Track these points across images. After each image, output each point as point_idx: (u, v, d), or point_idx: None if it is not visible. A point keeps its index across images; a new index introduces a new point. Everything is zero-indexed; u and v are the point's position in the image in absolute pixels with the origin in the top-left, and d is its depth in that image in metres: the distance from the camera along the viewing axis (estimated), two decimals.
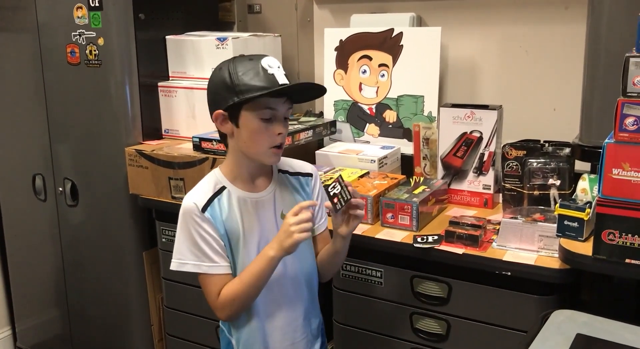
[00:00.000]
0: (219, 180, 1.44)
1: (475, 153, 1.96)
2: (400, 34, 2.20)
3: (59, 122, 2.40)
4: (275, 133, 1.37)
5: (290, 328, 1.50)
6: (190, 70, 2.31)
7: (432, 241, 1.67)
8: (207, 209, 1.39)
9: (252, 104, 1.34)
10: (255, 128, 1.36)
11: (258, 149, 1.38)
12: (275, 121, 1.37)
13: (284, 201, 1.48)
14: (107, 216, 2.37)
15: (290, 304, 1.49)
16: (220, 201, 1.41)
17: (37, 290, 2.71)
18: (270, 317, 1.48)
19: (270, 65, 1.35)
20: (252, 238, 1.43)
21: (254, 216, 1.43)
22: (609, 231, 1.37)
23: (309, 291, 1.53)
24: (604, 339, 1.23)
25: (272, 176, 1.49)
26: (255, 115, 1.35)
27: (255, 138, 1.37)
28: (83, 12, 2.20)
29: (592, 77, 1.66)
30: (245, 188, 1.44)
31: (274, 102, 1.35)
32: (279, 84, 1.33)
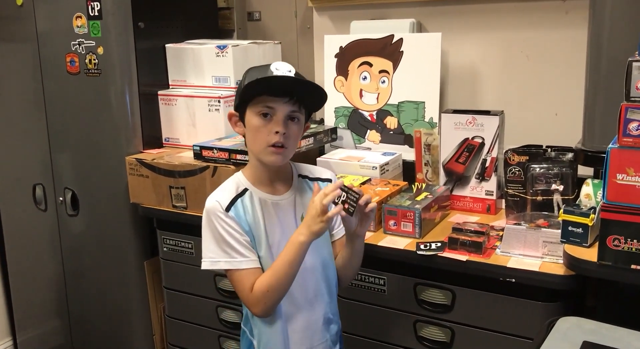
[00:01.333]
0: (241, 182, 1.47)
1: (478, 159, 1.95)
2: (401, 40, 2.20)
3: (59, 132, 2.39)
4: (272, 131, 1.37)
5: (310, 331, 1.50)
6: (191, 78, 2.31)
7: (435, 248, 1.66)
8: (230, 208, 1.42)
9: (253, 102, 1.38)
10: (255, 125, 1.39)
11: (258, 147, 1.40)
12: (274, 118, 1.38)
13: (303, 205, 1.48)
14: (107, 225, 2.36)
15: (310, 307, 1.49)
16: (243, 202, 1.43)
17: (38, 300, 2.70)
18: (291, 319, 1.48)
19: (278, 68, 1.37)
20: (274, 238, 1.44)
21: (275, 217, 1.45)
22: (614, 237, 1.36)
23: (329, 295, 1.53)
24: (611, 346, 1.22)
25: (292, 180, 1.51)
26: (255, 113, 1.38)
27: (255, 135, 1.39)
28: (82, 22, 2.20)
29: (594, 81, 1.65)
30: (267, 191, 1.46)
31: (272, 100, 1.36)
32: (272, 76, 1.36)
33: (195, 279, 2.18)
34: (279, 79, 1.37)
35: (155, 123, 2.32)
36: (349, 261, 1.53)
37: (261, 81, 1.35)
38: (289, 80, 1.37)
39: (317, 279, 1.50)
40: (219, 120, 2.21)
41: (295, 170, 1.53)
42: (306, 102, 1.43)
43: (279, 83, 1.37)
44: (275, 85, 1.37)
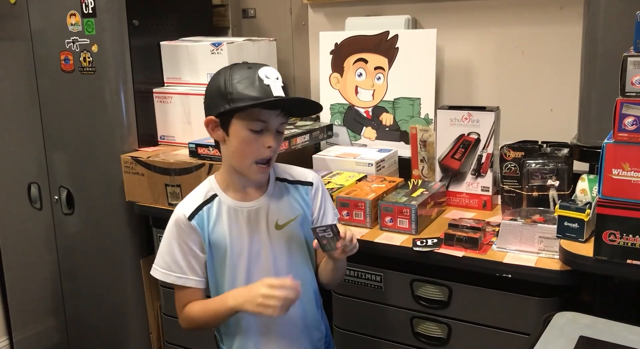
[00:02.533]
0: (211, 188, 1.43)
1: (473, 155, 1.95)
2: (396, 37, 2.19)
3: (54, 130, 2.38)
4: (264, 146, 1.33)
5: (286, 340, 1.45)
6: (185, 75, 2.30)
7: (431, 244, 1.66)
8: (194, 217, 1.38)
9: (243, 114, 1.31)
10: (244, 139, 1.32)
11: (244, 161, 1.35)
12: (265, 133, 1.33)
13: (279, 211, 1.43)
14: (103, 224, 2.36)
15: (286, 319, 1.40)
16: (209, 210, 1.39)
17: (34, 299, 2.69)
18: (264, 331, 1.44)
19: (268, 75, 1.31)
20: (240, 250, 1.40)
21: (245, 227, 1.40)
22: (609, 231, 1.37)
23: (307, 302, 1.48)
24: (608, 341, 1.22)
25: (267, 185, 1.44)
26: (246, 125, 1.31)
27: (243, 149, 1.33)
28: (76, 19, 2.19)
29: (589, 76, 1.66)
30: (237, 197, 1.41)
31: (266, 114, 1.31)
32: (273, 96, 1.29)
33: None
34: (283, 100, 1.32)
35: (150, 121, 2.32)
36: (331, 273, 1.47)
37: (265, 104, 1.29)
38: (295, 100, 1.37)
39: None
40: None
41: (273, 173, 1.46)
42: (293, 113, 1.42)
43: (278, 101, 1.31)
44: (275, 102, 1.31)
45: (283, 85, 1.33)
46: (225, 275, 1.41)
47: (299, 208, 1.45)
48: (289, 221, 1.43)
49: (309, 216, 1.47)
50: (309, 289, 1.49)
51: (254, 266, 1.41)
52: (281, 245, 1.43)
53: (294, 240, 1.44)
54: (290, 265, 1.44)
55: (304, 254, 1.47)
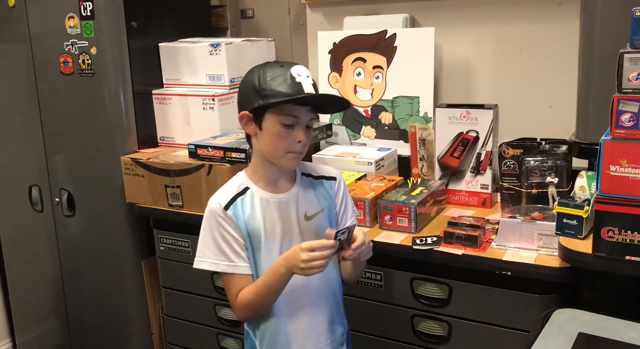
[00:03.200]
0: (243, 181, 1.48)
1: (472, 153, 1.95)
2: (394, 36, 2.20)
3: (54, 132, 2.39)
4: (295, 140, 1.39)
5: (314, 331, 1.50)
6: (185, 77, 2.31)
7: (431, 242, 1.66)
8: (229, 207, 1.43)
9: (276, 109, 1.37)
10: (277, 133, 1.39)
11: (276, 153, 1.41)
12: (296, 128, 1.39)
13: (307, 203, 1.49)
14: (104, 225, 2.36)
15: (313, 308, 1.49)
16: (243, 202, 1.45)
17: (36, 301, 2.70)
18: (293, 319, 1.48)
19: (300, 73, 1.38)
20: (274, 238, 1.45)
21: (277, 216, 1.46)
22: (608, 228, 1.37)
23: (333, 297, 1.53)
24: (607, 337, 1.22)
25: (295, 179, 1.51)
26: (278, 120, 1.38)
27: (276, 142, 1.40)
28: (75, 22, 2.19)
29: (587, 73, 1.66)
30: (268, 189, 1.47)
31: (297, 109, 1.38)
32: (304, 93, 1.36)
33: (192, 277, 2.19)
34: (315, 97, 1.39)
35: (149, 123, 2.32)
36: (351, 268, 1.54)
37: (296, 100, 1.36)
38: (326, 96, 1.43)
39: (320, 282, 1.49)
40: (213, 118, 2.21)
41: (299, 169, 1.53)
42: (322, 109, 1.47)
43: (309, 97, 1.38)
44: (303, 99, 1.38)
45: (313, 83, 1.40)
46: (261, 264, 1.45)
47: (324, 201, 1.52)
48: (316, 213, 1.49)
49: (333, 208, 1.53)
50: (335, 283, 1.54)
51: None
52: (311, 235, 1.47)
53: (321, 231, 1.48)
54: None
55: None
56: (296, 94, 1.36)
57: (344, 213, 1.56)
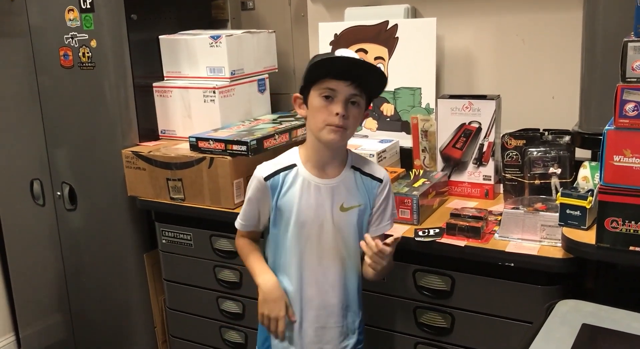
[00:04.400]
0: (293, 158, 1.53)
1: (475, 144, 1.94)
2: (395, 26, 2.18)
3: (55, 126, 2.38)
4: (333, 113, 1.41)
5: (325, 311, 1.55)
6: (185, 69, 2.30)
7: (433, 234, 1.66)
8: (269, 179, 1.51)
9: (316, 84, 1.43)
10: (316, 106, 1.43)
11: (317, 125, 1.44)
12: (335, 101, 1.42)
13: (347, 194, 1.52)
14: (106, 219, 2.36)
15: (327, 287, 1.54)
16: (286, 177, 1.51)
17: (39, 295, 2.70)
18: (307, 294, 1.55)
19: (343, 53, 1.44)
20: (304, 219, 1.50)
21: (313, 200, 1.50)
22: (611, 218, 1.36)
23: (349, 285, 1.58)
24: (610, 328, 1.22)
25: (343, 168, 1.53)
26: (318, 94, 1.43)
27: (315, 115, 1.44)
28: (75, 15, 2.18)
29: (590, 63, 1.65)
30: (315, 173, 1.51)
31: (334, 83, 1.41)
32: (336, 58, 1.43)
33: (195, 270, 2.19)
34: (340, 60, 1.42)
35: (150, 116, 2.31)
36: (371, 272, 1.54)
37: (324, 62, 1.42)
38: (349, 62, 1.41)
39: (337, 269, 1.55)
40: (214, 111, 2.20)
41: (351, 159, 1.55)
42: (368, 87, 1.46)
43: (341, 65, 1.41)
44: (338, 68, 1.41)
45: (364, 61, 1.44)
46: (286, 240, 1.53)
47: (364, 198, 1.54)
48: (352, 207, 1.52)
49: (369, 209, 1.56)
50: (355, 273, 1.59)
51: (313, 239, 1.52)
52: (341, 226, 1.52)
53: (351, 225, 1.53)
54: (345, 246, 1.54)
55: (356, 241, 1.54)
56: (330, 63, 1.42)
57: (380, 217, 1.58)
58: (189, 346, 2.31)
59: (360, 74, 1.43)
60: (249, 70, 2.31)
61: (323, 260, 1.53)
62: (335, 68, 1.41)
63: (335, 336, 1.57)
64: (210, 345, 2.25)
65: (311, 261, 1.53)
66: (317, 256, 1.52)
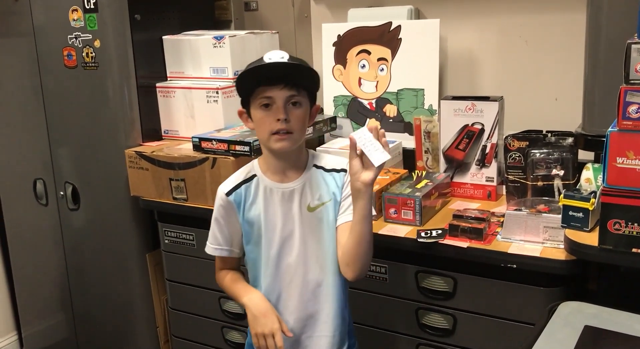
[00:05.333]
0: (252, 169, 1.52)
1: (477, 145, 1.94)
2: (399, 27, 2.18)
3: (58, 126, 2.39)
4: (274, 120, 1.38)
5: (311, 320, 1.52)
6: (188, 70, 2.30)
7: (436, 235, 1.66)
8: (231, 194, 1.49)
9: (253, 96, 1.41)
10: (258, 117, 1.41)
11: (263, 137, 1.42)
12: (274, 107, 1.39)
13: (312, 194, 1.49)
14: (109, 219, 2.36)
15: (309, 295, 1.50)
16: (248, 189, 1.50)
17: (41, 294, 2.71)
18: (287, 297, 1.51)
19: (271, 57, 1.39)
20: (274, 227, 1.48)
21: (278, 206, 1.48)
22: (614, 220, 1.36)
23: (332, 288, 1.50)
24: (613, 330, 1.22)
25: (304, 169, 1.51)
26: (257, 105, 1.41)
27: (259, 126, 1.42)
28: (79, 15, 2.19)
29: (593, 65, 1.64)
30: (276, 179, 1.49)
31: (268, 89, 1.38)
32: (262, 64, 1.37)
33: (197, 270, 2.19)
34: (266, 67, 1.37)
35: (153, 116, 2.32)
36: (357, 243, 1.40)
37: (251, 72, 1.39)
38: (276, 66, 1.37)
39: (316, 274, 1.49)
40: (217, 111, 2.20)
41: (311, 159, 1.53)
42: (304, 84, 1.42)
43: (269, 71, 1.38)
44: (267, 74, 1.38)
45: (287, 61, 1.38)
46: (261, 252, 1.50)
47: (331, 194, 1.50)
48: (320, 205, 1.49)
49: (338, 201, 1.50)
50: (337, 275, 1.51)
51: (286, 245, 1.49)
52: (312, 227, 1.48)
53: (324, 224, 1.49)
54: (318, 248, 1.49)
55: (333, 239, 1.49)
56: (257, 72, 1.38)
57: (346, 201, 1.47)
58: (191, 346, 2.32)
59: (292, 73, 1.39)
60: None
61: (300, 266, 1.48)
62: (264, 76, 1.38)
63: (325, 345, 1.52)
64: (212, 345, 2.25)
65: (289, 270, 1.48)
66: (294, 264, 1.48)
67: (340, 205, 1.50)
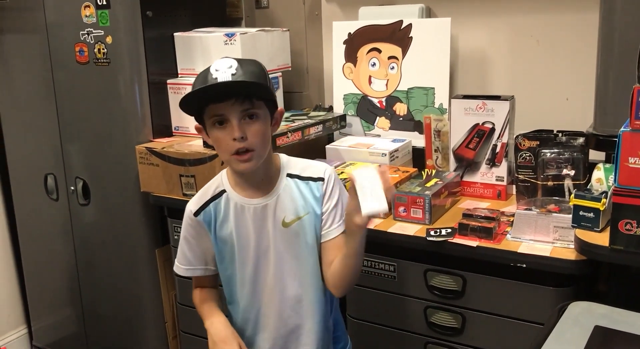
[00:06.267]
0: (221, 183, 1.43)
1: (488, 144, 1.94)
2: (410, 26, 2.18)
3: (70, 121, 2.40)
4: (229, 139, 1.27)
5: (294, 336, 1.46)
6: (199, 66, 2.30)
7: (445, 234, 1.66)
8: (199, 213, 1.42)
9: (206, 114, 1.30)
10: (214, 137, 1.31)
11: (224, 158, 1.33)
12: (228, 125, 1.27)
13: (286, 208, 1.39)
14: (119, 214, 2.38)
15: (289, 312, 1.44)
16: (217, 206, 1.41)
17: (51, 289, 2.73)
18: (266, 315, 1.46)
19: (217, 68, 1.27)
20: (247, 247, 1.40)
21: (250, 223, 1.39)
22: (626, 221, 1.35)
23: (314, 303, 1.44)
24: (623, 331, 1.21)
25: (277, 181, 1.40)
26: (211, 124, 1.30)
27: (218, 147, 1.32)
28: (91, 11, 2.20)
29: (605, 64, 1.64)
30: (245, 194, 1.39)
31: (219, 107, 1.26)
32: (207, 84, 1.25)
33: None
34: (207, 89, 1.26)
35: (164, 112, 2.33)
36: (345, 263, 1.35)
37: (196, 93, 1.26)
38: (218, 86, 1.25)
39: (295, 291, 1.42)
40: None
41: (284, 168, 1.41)
42: (258, 94, 1.29)
43: (213, 90, 1.26)
44: (214, 92, 1.26)
45: (235, 72, 1.25)
46: (235, 270, 1.44)
47: (308, 205, 1.40)
48: (296, 219, 1.39)
49: (318, 213, 1.40)
50: (318, 290, 1.44)
51: (261, 263, 1.41)
52: (288, 243, 1.40)
53: (301, 239, 1.40)
54: (297, 265, 1.41)
55: (312, 254, 1.42)
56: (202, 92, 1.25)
57: (329, 216, 1.40)
58: (199, 341, 2.32)
59: (241, 85, 1.27)
60: None
61: (277, 284, 1.40)
62: (212, 92, 1.26)
63: None
64: None
65: (266, 288, 1.41)
66: (271, 282, 1.41)
67: (323, 220, 1.40)
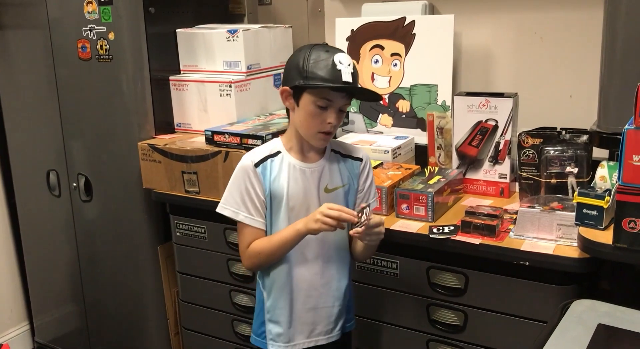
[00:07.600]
0: (276, 146, 1.58)
1: (491, 141, 1.93)
2: (413, 23, 2.17)
3: (72, 118, 2.40)
4: (326, 121, 1.48)
5: (316, 292, 1.59)
6: (202, 63, 2.30)
7: (448, 231, 1.65)
8: (259, 165, 1.54)
9: (313, 91, 1.47)
10: (311, 112, 1.48)
11: (308, 130, 1.50)
12: (329, 110, 1.48)
13: (330, 176, 1.58)
14: (121, 211, 2.38)
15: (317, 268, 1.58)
16: (272, 163, 1.55)
17: (53, 285, 2.73)
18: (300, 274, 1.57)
19: (342, 61, 1.46)
20: (294, 202, 1.54)
21: (300, 183, 1.55)
22: (629, 219, 1.35)
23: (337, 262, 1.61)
24: (627, 329, 1.21)
25: (324, 152, 1.59)
26: (313, 101, 1.47)
27: (309, 120, 1.49)
28: (93, 7, 2.19)
29: (609, 62, 1.63)
30: (298, 158, 1.56)
31: (332, 94, 1.46)
32: (341, 81, 1.45)
33: (208, 263, 2.20)
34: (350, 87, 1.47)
35: (167, 109, 2.32)
36: (360, 250, 1.62)
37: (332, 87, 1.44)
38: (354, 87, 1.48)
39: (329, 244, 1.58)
40: (230, 104, 2.20)
41: (330, 144, 1.61)
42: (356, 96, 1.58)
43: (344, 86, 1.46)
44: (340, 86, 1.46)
45: (353, 72, 1.48)
46: (278, 224, 1.56)
47: (347, 179, 1.60)
48: (336, 188, 1.58)
49: (353, 188, 1.62)
50: (343, 251, 1.63)
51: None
52: None
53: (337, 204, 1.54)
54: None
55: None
56: (334, 81, 1.44)
57: (366, 195, 1.63)
58: (201, 338, 2.33)
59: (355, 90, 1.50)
60: (265, 65, 2.31)
61: (311, 241, 1.55)
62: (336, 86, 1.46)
63: (327, 316, 1.61)
64: (222, 338, 2.26)
65: (300, 244, 1.54)
66: (305, 239, 1.53)
67: (359, 197, 1.63)
